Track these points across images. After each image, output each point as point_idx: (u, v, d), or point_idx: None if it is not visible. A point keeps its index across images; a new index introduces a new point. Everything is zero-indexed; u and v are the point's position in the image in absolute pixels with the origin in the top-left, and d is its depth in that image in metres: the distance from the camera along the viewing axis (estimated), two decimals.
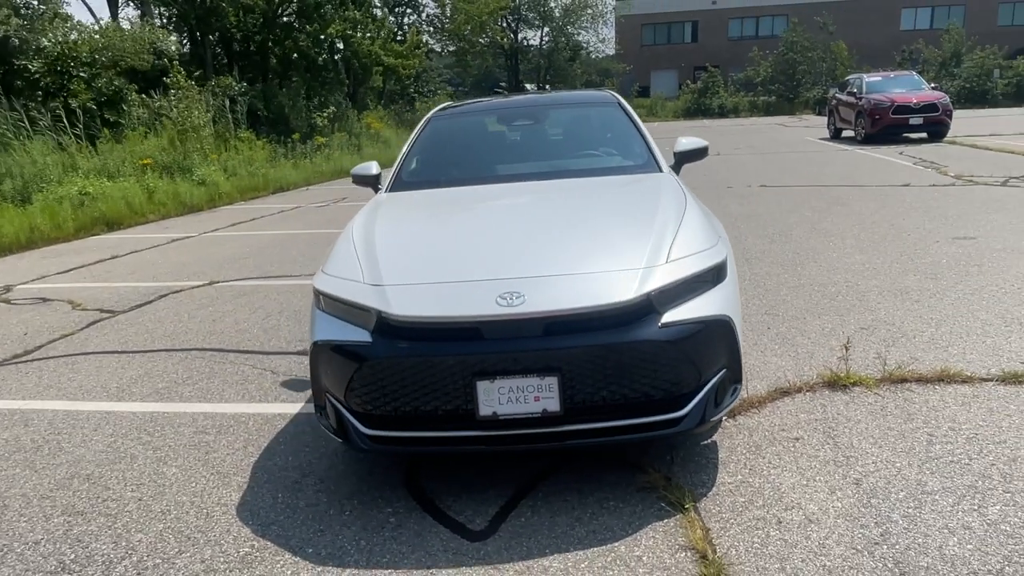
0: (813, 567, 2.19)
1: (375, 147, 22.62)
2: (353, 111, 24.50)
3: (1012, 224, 6.72)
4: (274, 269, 7.38)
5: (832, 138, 19.31)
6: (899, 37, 45.07)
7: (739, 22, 51.40)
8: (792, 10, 47.40)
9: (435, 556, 2.41)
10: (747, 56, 44.42)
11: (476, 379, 2.46)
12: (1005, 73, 35.84)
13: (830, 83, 37.69)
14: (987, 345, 3.78)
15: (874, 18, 46.34)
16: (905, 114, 15.96)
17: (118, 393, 4.18)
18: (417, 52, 25.90)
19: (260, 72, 24.30)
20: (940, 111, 15.93)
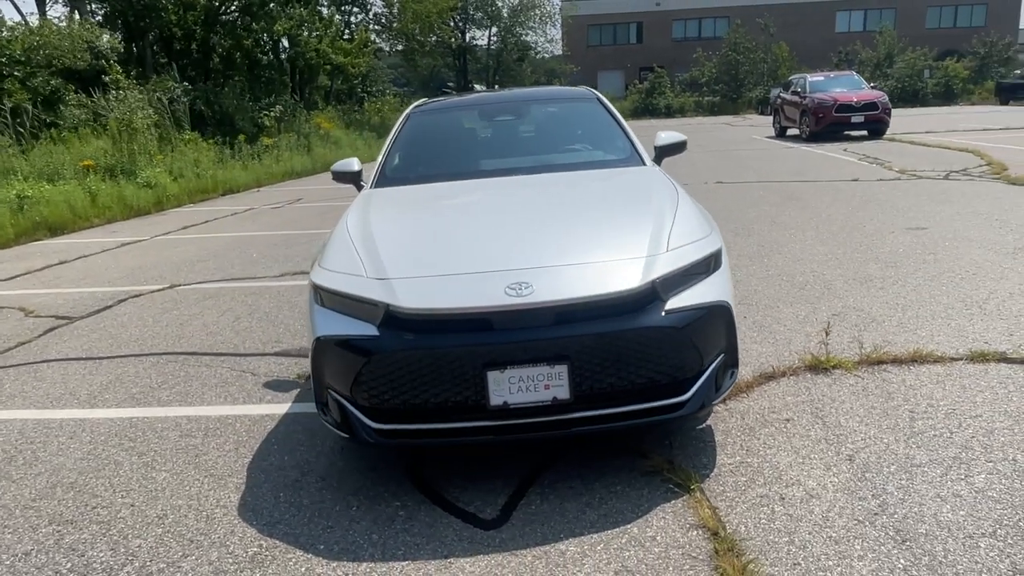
0: (820, 539, 2.28)
1: (326, 147, 22.28)
2: (301, 111, 24.09)
3: (959, 215, 7.07)
4: (237, 271, 7.22)
5: (777, 136, 19.92)
6: (835, 39, 46.81)
7: (682, 23, 52.54)
8: (733, 12, 48.73)
9: (451, 546, 2.42)
10: (691, 57, 45.45)
11: (487, 369, 2.47)
12: (934, 73, 37.60)
13: (772, 83, 38.88)
14: (952, 327, 3.99)
15: (811, 20, 47.98)
16: (847, 112, 16.60)
17: (90, 400, 4.03)
18: (366, 50, 25.63)
19: (202, 71, 23.67)
20: (880, 109, 16.62)
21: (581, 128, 4.29)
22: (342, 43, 24.96)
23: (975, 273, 4.96)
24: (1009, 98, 32.33)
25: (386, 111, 30.64)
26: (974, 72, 38.59)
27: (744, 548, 2.26)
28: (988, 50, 39.68)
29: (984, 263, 5.20)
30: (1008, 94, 32.50)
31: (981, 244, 5.77)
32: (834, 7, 49.33)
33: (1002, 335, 3.80)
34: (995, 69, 38.44)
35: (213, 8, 22.05)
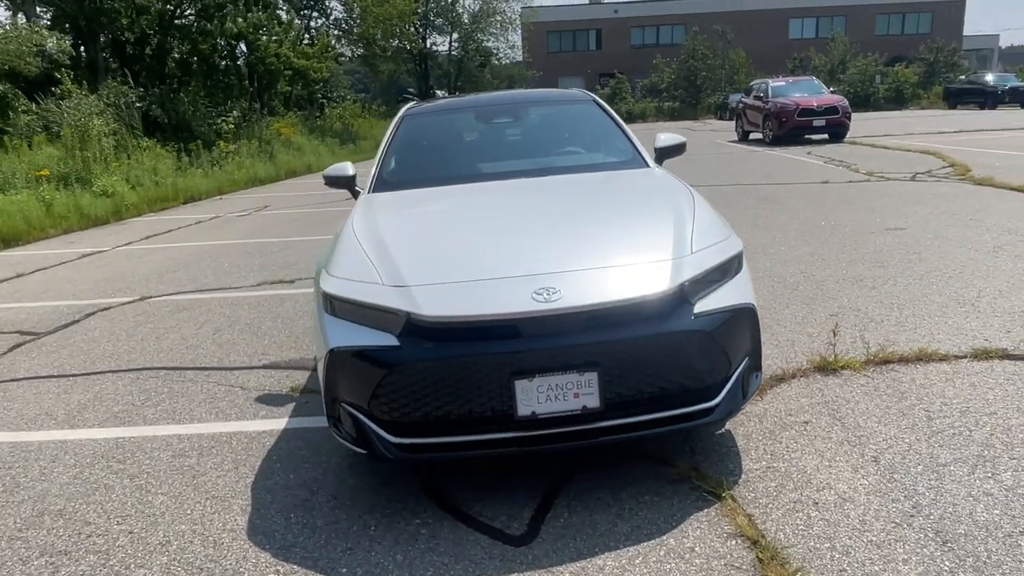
0: (861, 544, 2.24)
1: (288, 154, 21.88)
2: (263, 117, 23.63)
3: (934, 215, 7.22)
4: (211, 282, 6.98)
5: (740, 140, 20.23)
6: (789, 45, 47.92)
7: (641, 30, 53.21)
8: (690, 19, 49.53)
9: (482, 564, 2.31)
10: (651, 63, 45.98)
11: (514, 378, 2.38)
12: (885, 79, 38.74)
13: (730, 89, 39.61)
14: (950, 326, 4.03)
15: (765, 27, 49.04)
16: (809, 116, 16.94)
17: (68, 420, 3.81)
18: (328, 55, 25.27)
19: (157, 76, 23.02)
20: (840, 113, 17.00)
21: (581, 130, 4.23)
22: (304, 48, 24.56)
23: (961, 272, 5.05)
24: (956, 102, 33.48)
25: (348, 117, 30.29)
26: (923, 77, 39.90)
27: (787, 556, 2.20)
28: (935, 56, 41.08)
29: (968, 262, 5.30)
30: (955, 98, 33.65)
31: (961, 243, 5.89)
32: (787, 14, 50.52)
33: (1000, 332, 3.85)
34: (943, 74, 39.80)
35: (168, 12, 21.48)
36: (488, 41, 46.44)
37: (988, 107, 31.02)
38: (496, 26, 45.58)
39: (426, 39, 44.78)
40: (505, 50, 47.51)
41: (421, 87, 47.61)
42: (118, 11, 20.17)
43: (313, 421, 3.54)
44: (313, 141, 25.00)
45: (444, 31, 46.42)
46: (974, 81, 33.76)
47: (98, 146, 14.78)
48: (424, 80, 46.92)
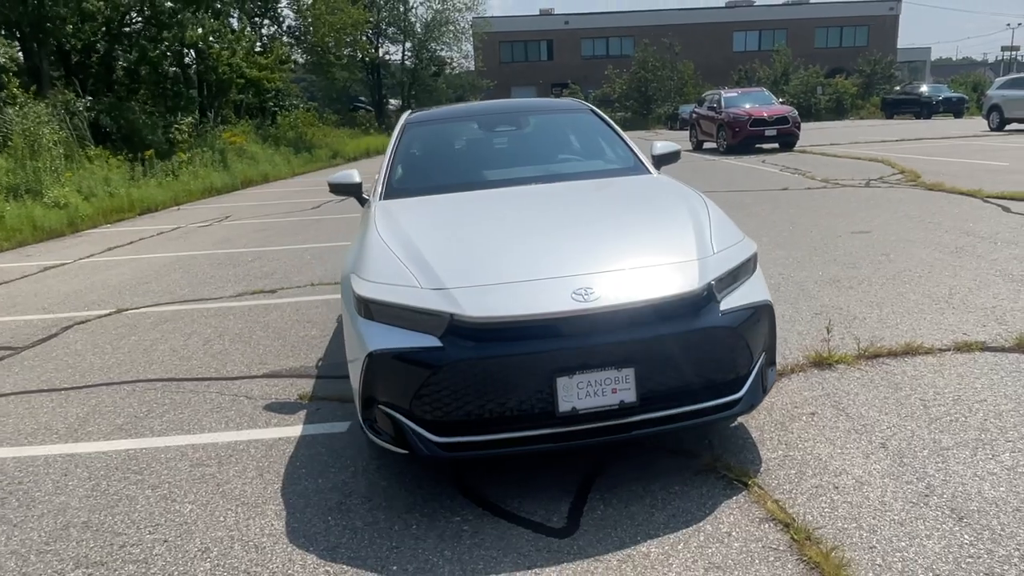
0: (885, 523, 2.41)
1: (242, 163, 21.49)
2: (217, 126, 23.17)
3: (894, 218, 7.61)
4: (187, 293, 6.87)
5: (695, 149, 20.79)
6: (733, 57, 49.41)
7: (591, 42, 54.11)
8: (638, 32, 50.64)
9: (531, 557, 2.39)
10: (601, 74, 46.77)
11: (556, 376, 2.48)
12: (826, 90, 40.29)
13: (680, 100, 40.60)
14: (928, 321, 4.29)
15: (710, 40, 50.46)
16: (761, 126, 17.55)
17: (70, 434, 3.74)
18: (284, 65, 24.97)
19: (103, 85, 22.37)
20: (791, 123, 17.67)
21: (581, 138, 4.36)
22: (258, 57, 24.20)
23: (930, 271, 5.36)
24: (893, 112, 35.05)
25: (301, 126, 29.92)
26: (861, 88, 41.66)
27: (820, 537, 2.35)
28: (873, 68, 42.95)
29: (935, 262, 5.63)
30: (892, 108, 35.23)
31: (925, 244, 6.24)
32: (731, 27, 52.12)
33: (975, 326, 4.12)
34: (879, 86, 41.63)
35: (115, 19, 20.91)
36: (442, 51, 46.58)
37: (923, 116, 32.59)
38: (449, 36, 45.75)
39: (378, 48, 44.61)
40: (459, 59, 47.67)
41: (374, 96, 47.38)
42: (63, 17, 19.54)
43: (329, 427, 3.57)
44: (267, 150, 24.64)
45: (397, 40, 46.36)
46: (909, 92, 35.44)
47: (49, 156, 14.31)
48: (377, 89, 46.70)
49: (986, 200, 8.14)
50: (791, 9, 52.77)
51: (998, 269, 5.25)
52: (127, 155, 17.08)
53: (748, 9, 53.40)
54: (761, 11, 53.10)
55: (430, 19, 44.87)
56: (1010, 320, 4.17)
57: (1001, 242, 6.08)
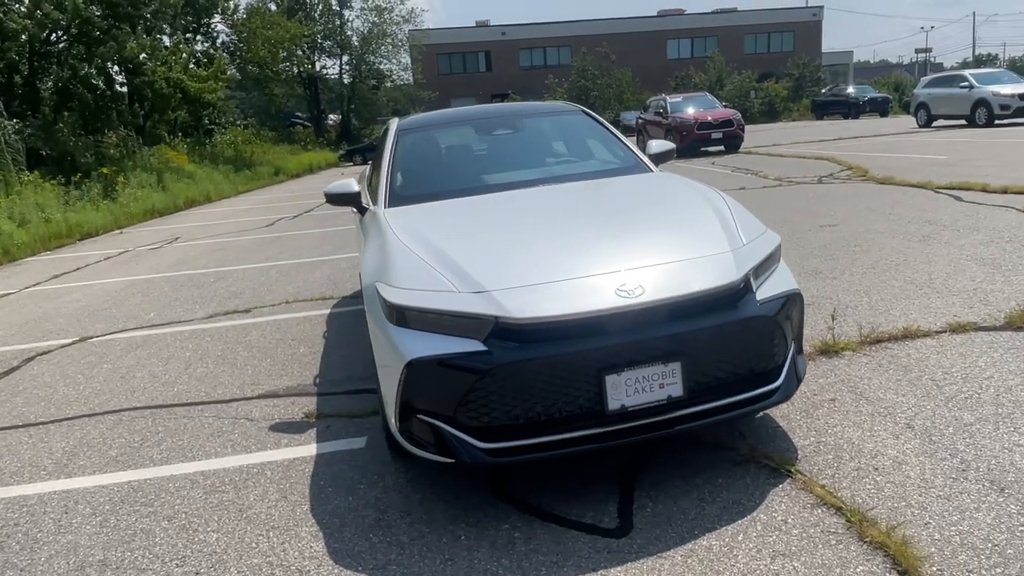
0: (932, 499, 2.46)
1: (181, 183, 20.80)
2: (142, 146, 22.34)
3: (855, 212, 7.88)
4: (153, 318, 6.58)
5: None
6: (668, 65, 50.62)
7: (528, 52, 54.60)
8: (575, 41, 51.35)
9: (592, 559, 2.35)
10: (540, 83, 47.19)
11: (604, 373, 2.45)
12: (759, 94, 41.67)
13: (620, 107, 41.34)
14: (917, 306, 4.44)
15: (645, 48, 51.57)
16: (707, 129, 18.01)
17: (60, 469, 3.51)
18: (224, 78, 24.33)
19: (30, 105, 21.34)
20: (735, 126, 18.19)
21: (579, 139, 4.36)
22: (198, 71, 23.52)
23: (905, 259, 5.56)
24: (823, 113, 36.49)
25: (240, 143, 29.20)
26: (791, 91, 43.24)
27: (874, 518, 2.38)
28: (801, 72, 44.66)
29: (907, 250, 5.84)
30: (822, 110, 36.68)
31: (892, 235, 6.47)
32: (665, 35, 53.41)
33: (963, 308, 4.29)
34: (808, 88, 43.30)
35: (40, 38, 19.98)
36: (380, 64, 46.22)
37: (852, 116, 34.02)
38: (387, 48, 45.45)
39: (315, 62, 43.97)
40: (399, 72, 47.38)
41: (312, 111, 46.65)
42: None
43: (346, 444, 3.45)
44: (206, 168, 23.94)
45: (334, 54, 45.82)
46: (837, 94, 36.97)
47: None
48: (315, 104, 46.00)
49: (937, 191, 8.52)
50: (720, 17, 54.45)
51: (968, 254, 5.49)
52: (60, 179, 16.32)
53: (679, 17, 54.81)
54: (692, 19, 54.60)
55: (367, 32, 44.52)
56: (993, 301, 4.35)
57: (963, 229, 6.36)
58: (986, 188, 8.10)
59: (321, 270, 8.09)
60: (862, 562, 2.19)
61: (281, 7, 37.23)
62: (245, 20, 30.91)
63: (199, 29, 30.55)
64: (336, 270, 7.99)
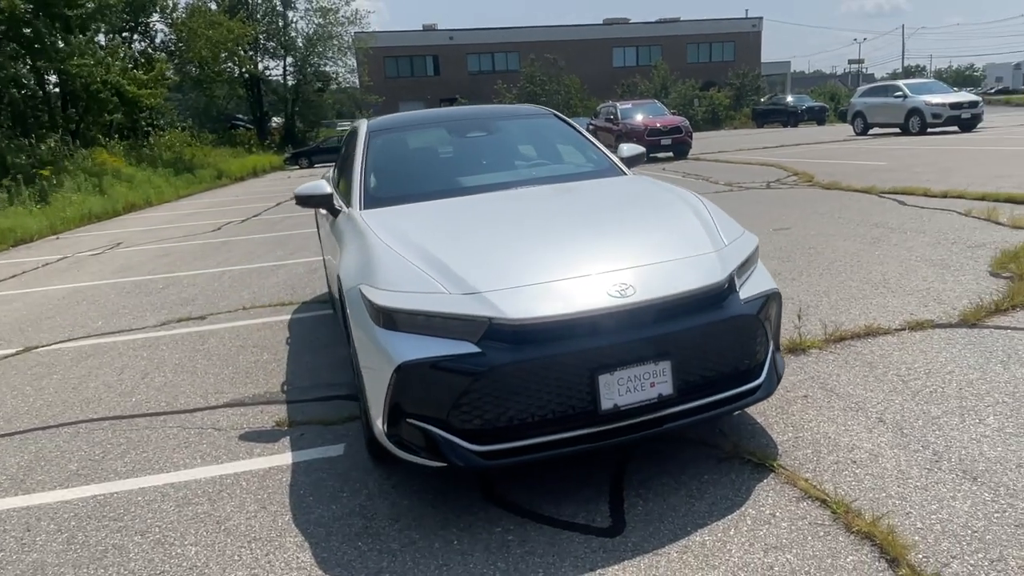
0: (911, 488, 2.56)
1: (120, 186, 20.06)
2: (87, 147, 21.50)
3: (805, 216, 8.14)
4: (101, 326, 6.31)
5: None
6: (614, 73, 51.41)
7: (477, 57, 54.65)
8: (523, 47, 51.69)
9: (589, 558, 2.36)
10: (488, 88, 47.30)
11: (597, 373, 2.46)
12: (702, 102, 42.69)
13: (567, 113, 41.70)
14: (875, 305, 4.61)
15: (592, 55, 52.26)
16: (657, 136, 18.34)
17: (17, 485, 3.33)
18: (165, 81, 23.55)
19: None
20: (683, 132, 18.58)
21: (553, 142, 4.37)
22: (136, 74, 22.70)
23: (858, 261, 5.77)
24: (763, 122, 37.65)
25: (179, 146, 28.28)
26: (733, 100, 44.45)
27: (858, 509, 2.46)
28: (742, 81, 45.97)
29: (859, 252, 6.06)
30: (762, 118, 37.84)
31: (844, 237, 6.71)
32: (610, 44, 54.24)
33: (919, 307, 4.47)
34: (749, 97, 44.60)
35: None
36: (326, 66, 45.53)
37: (790, 125, 35.19)
38: (333, 51, 44.81)
39: (257, 63, 43.00)
40: (345, 75, 46.76)
41: (254, 113, 45.61)
42: None
43: (322, 452, 3.37)
44: (145, 171, 23.14)
45: (278, 55, 44.90)
46: (777, 103, 38.21)
47: None
48: (257, 106, 45.00)
49: (881, 196, 8.88)
50: (664, 27, 55.61)
51: (917, 255, 5.74)
52: None
53: (625, 26, 55.77)
54: (637, 28, 55.61)
55: (312, 33, 43.82)
56: (946, 299, 4.56)
57: (910, 231, 6.64)
58: (927, 193, 8.50)
59: (276, 275, 7.91)
60: (851, 552, 2.25)
61: (222, 6, 36.34)
62: (185, 19, 30.01)
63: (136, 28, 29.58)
64: (292, 275, 7.82)
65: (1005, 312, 4.16)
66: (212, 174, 27.23)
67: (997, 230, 6.29)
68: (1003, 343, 3.76)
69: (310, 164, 34.47)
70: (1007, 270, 4.95)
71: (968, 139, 17.34)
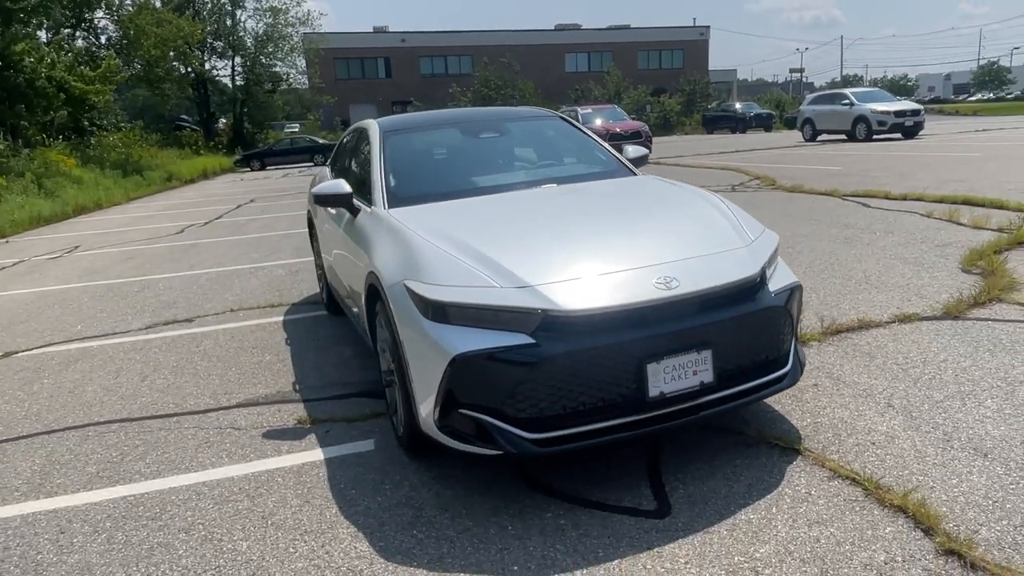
0: (931, 466, 2.75)
1: (70, 188, 19.38)
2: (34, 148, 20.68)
3: (775, 217, 8.43)
4: (83, 330, 6.16)
5: None
6: (567, 78, 52.05)
7: (429, 60, 54.56)
8: (476, 51, 51.86)
9: (643, 539, 2.47)
10: (442, 92, 47.25)
11: (645, 362, 2.59)
12: (654, 107, 43.57)
13: None
14: (862, 300, 4.88)
15: (545, 60, 52.80)
16: (618, 140, 18.63)
17: (36, 490, 3.27)
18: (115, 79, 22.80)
19: None
20: (644, 137, 18.99)
21: (564, 142, 4.48)
22: (84, 71, 21.93)
23: (836, 259, 6.06)
24: (713, 128, 38.66)
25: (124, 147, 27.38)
26: (684, 106, 45.52)
27: (888, 485, 2.64)
28: (692, 87, 47.13)
29: (835, 251, 6.37)
30: (712, 124, 38.86)
31: (818, 238, 7.02)
32: (563, 49, 54.90)
33: (903, 301, 4.75)
34: (699, 104, 45.74)
35: None
36: (275, 67, 44.75)
37: (739, 131, 36.23)
38: (283, 51, 44.09)
39: (204, 63, 41.99)
40: (296, 76, 46.02)
41: (201, 114, 44.54)
42: None
43: (353, 447, 3.41)
44: (93, 172, 22.38)
45: (226, 55, 43.96)
46: (726, 109, 39.30)
47: None
48: (204, 106, 43.95)
49: (844, 198, 9.30)
50: (615, 33, 56.59)
51: (891, 254, 6.07)
52: None
53: (577, 32, 56.53)
54: (588, 34, 56.44)
55: (262, 33, 43.04)
56: (927, 293, 4.85)
57: (879, 232, 7.00)
58: (888, 195, 8.95)
59: (257, 277, 7.82)
60: (888, 524, 2.43)
61: (169, 4, 35.40)
62: (133, 16, 29.13)
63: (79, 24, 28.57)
64: (274, 277, 7.74)
65: (983, 305, 4.47)
66: (162, 176, 26.49)
67: (960, 230, 6.69)
68: (987, 333, 4.04)
69: (262, 166, 33.85)
70: (977, 267, 5.30)
71: (913, 145, 18.23)
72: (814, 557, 2.30)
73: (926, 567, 2.20)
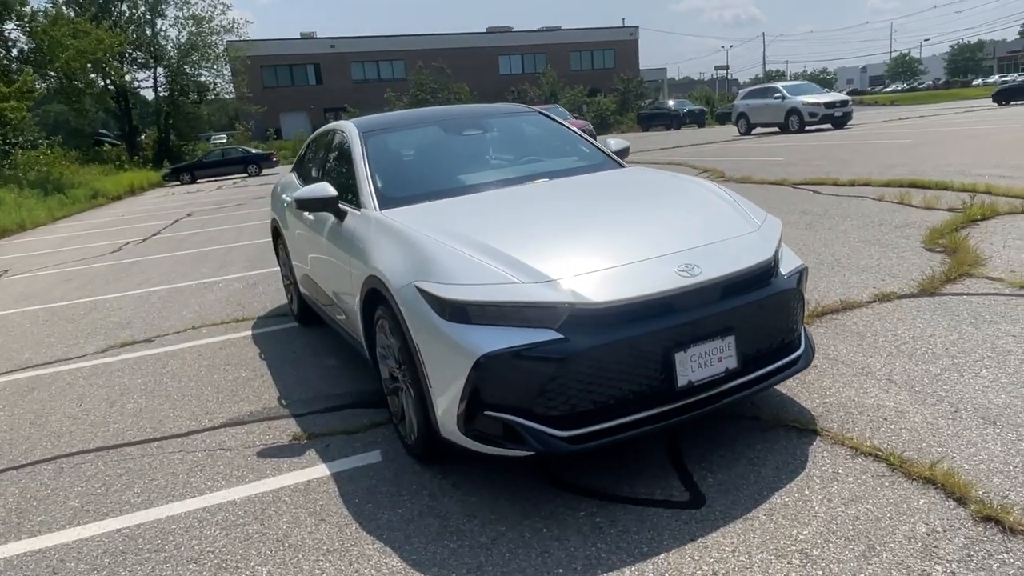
0: (944, 437, 2.81)
1: None
2: None
3: None
4: (32, 357, 5.78)
5: None
6: (501, 80, 52.21)
7: (361, 65, 53.83)
8: (408, 55, 51.46)
9: (684, 530, 2.44)
10: (376, 97, 46.66)
11: (673, 351, 2.56)
12: (590, 107, 44.11)
13: None
14: (840, 282, 4.99)
15: (478, 63, 52.79)
16: None
17: (14, 530, 3.02)
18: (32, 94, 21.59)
19: None
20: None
21: (547, 138, 4.42)
22: None
23: (804, 244, 6.21)
24: (648, 125, 39.39)
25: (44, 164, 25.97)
26: (619, 105, 46.25)
27: (910, 459, 2.68)
28: (626, 87, 47.92)
29: (800, 236, 6.51)
30: (647, 122, 39.59)
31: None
32: (496, 52, 55.04)
33: (879, 281, 4.89)
34: (634, 102, 46.55)
35: None
36: (201, 76, 43.29)
37: (674, 127, 37.05)
38: (208, 60, 42.67)
39: (124, 75, 40.26)
40: (223, 85, 44.61)
41: (123, 127, 42.72)
42: None
43: (359, 460, 3.27)
44: (11, 193, 21.14)
45: (147, 65, 42.28)
46: (660, 107, 40.13)
47: None
48: (126, 119, 42.17)
49: (795, 187, 9.57)
50: (547, 35, 57.09)
51: (854, 237, 6.25)
52: None
53: (509, 35, 56.76)
54: (521, 36, 56.76)
55: (185, 42, 41.57)
56: (899, 273, 5.01)
57: (837, 217, 7.22)
58: (836, 182, 9.25)
59: (213, 292, 7.50)
60: (920, 496, 2.46)
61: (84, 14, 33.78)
62: (47, 27, 27.67)
63: None
64: (232, 291, 7.44)
65: (954, 281, 4.64)
66: (87, 194, 25.24)
67: (914, 212, 6.96)
68: (965, 307, 4.19)
69: (193, 179, 32.69)
70: (939, 245, 5.51)
71: (845, 135, 18.97)
72: (857, 534, 2.30)
73: (967, 535, 2.24)
